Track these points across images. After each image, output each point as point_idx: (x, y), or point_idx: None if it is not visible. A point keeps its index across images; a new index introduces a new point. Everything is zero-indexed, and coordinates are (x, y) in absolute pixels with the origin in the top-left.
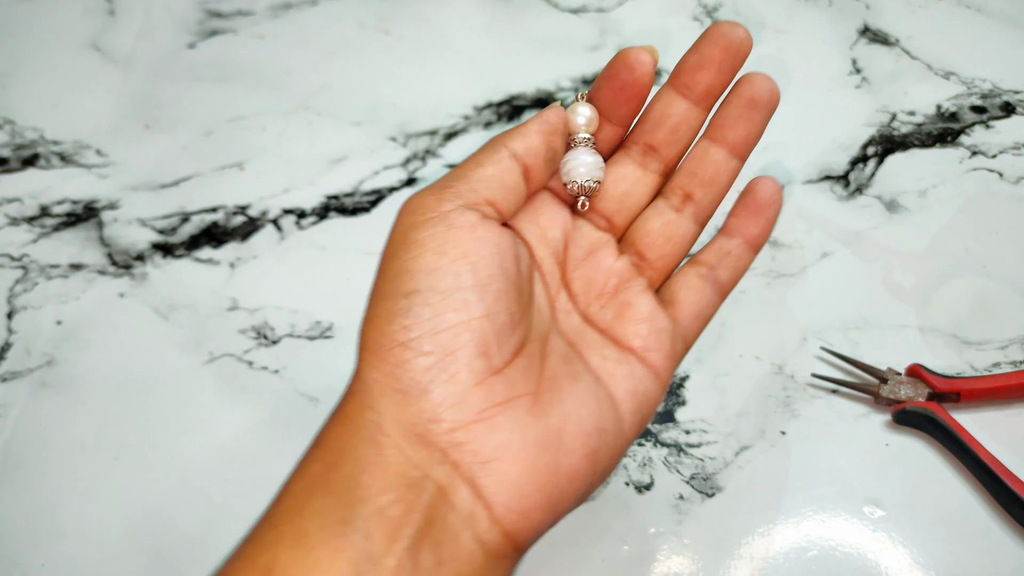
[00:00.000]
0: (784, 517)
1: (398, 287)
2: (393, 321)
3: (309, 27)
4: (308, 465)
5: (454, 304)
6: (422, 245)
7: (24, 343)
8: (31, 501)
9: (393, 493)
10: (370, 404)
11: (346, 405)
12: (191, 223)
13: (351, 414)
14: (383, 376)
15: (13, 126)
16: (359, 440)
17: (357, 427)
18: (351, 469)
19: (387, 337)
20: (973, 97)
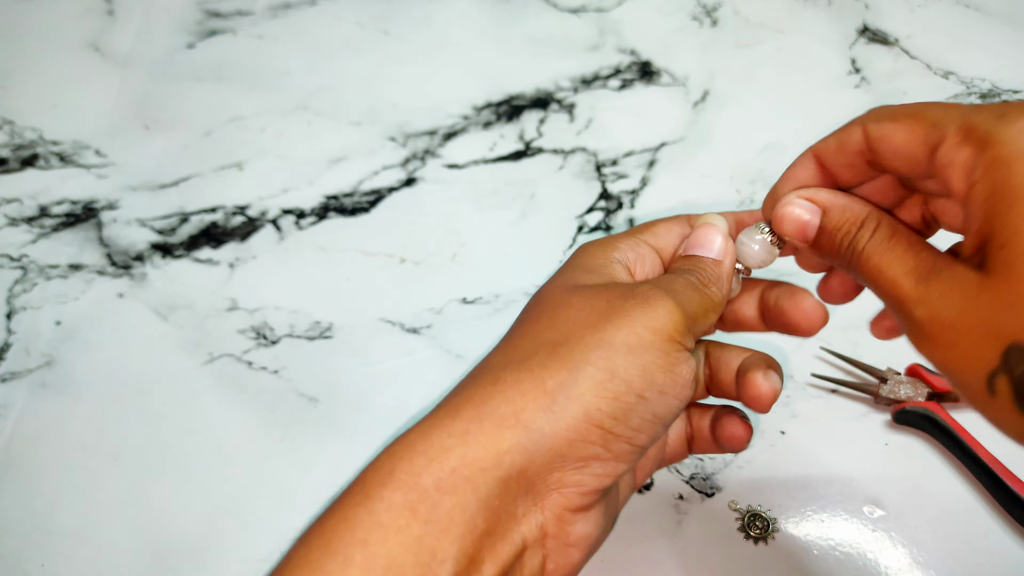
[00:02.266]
0: (784, 517)
1: (637, 383)
2: (616, 408)
3: (308, 27)
4: (419, 473)
5: (651, 431)
6: (670, 363)
7: (23, 343)
8: (31, 501)
9: (488, 541)
10: (531, 450)
11: (500, 430)
12: (190, 223)
13: (502, 445)
14: (565, 437)
15: (12, 126)
16: (492, 477)
17: (500, 463)
18: (465, 501)
19: (601, 414)
20: (972, 96)
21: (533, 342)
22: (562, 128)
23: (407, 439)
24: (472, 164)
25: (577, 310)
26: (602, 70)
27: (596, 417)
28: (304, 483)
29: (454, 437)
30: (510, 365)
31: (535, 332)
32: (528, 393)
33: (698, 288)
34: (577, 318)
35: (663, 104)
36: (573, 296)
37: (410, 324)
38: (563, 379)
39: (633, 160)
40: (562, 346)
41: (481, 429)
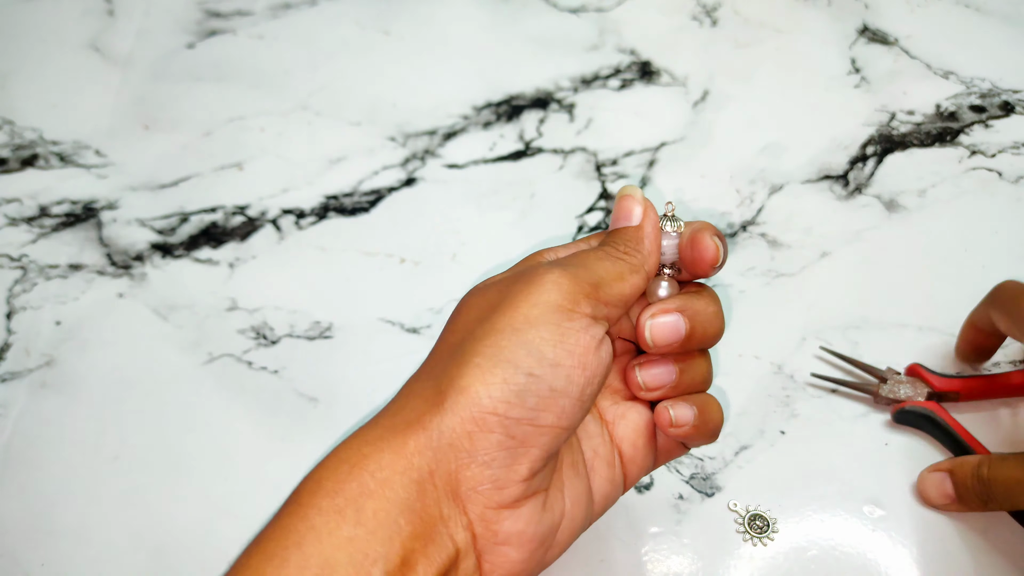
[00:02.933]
0: (783, 516)
1: (524, 361)
2: (504, 391)
3: (308, 27)
4: (343, 480)
5: (555, 407)
6: (561, 334)
7: (23, 343)
8: (31, 501)
9: (419, 543)
10: (435, 449)
11: (406, 434)
12: (190, 223)
13: (408, 448)
14: (464, 432)
15: (12, 126)
16: (407, 479)
17: (411, 464)
18: (388, 505)
19: (491, 401)
20: (972, 96)
21: (439, 350)
22: (562, 128)
23: (334, 452)
24: (472, 164)
25: (474, 307)
26: (602, 70)
27: (487, 405)
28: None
29: (370, 444)
30: (420, 376)
31: (442, 340)
32: (429, 399)
33: (609, 255)
34: (472, 315)
35: (663, 104)
36: (474, 296)
37: (410, 324)
38: (452, 375)
39: (633, 160)
40: (458, 346)
41: (393, 435)
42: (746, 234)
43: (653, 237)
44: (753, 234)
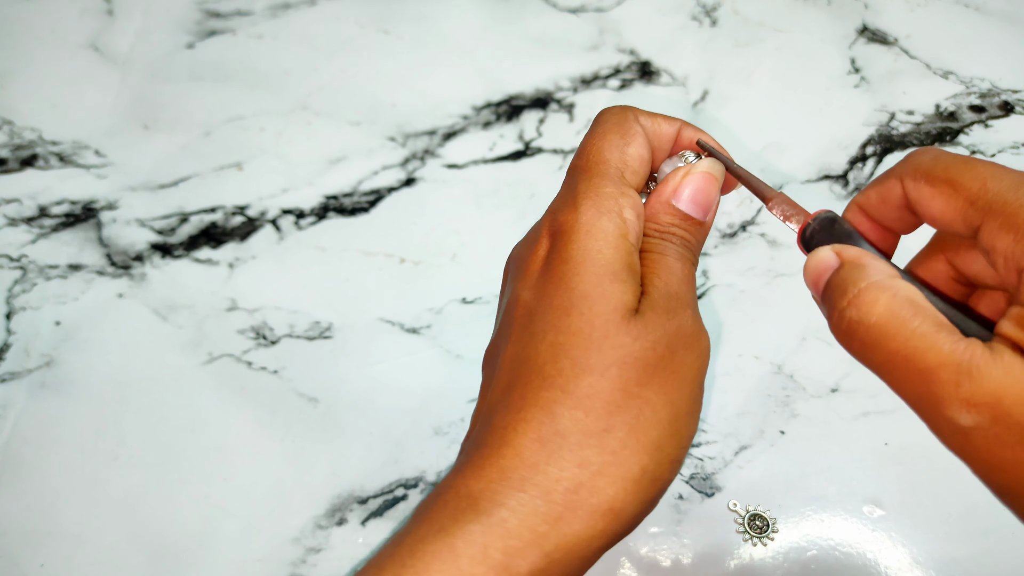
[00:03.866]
0: (783, 516)
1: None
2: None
3: (308, 27)
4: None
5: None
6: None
7: (23, 344)
8: (30, 501)
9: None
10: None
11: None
12: (190, 223)
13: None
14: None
15: (11, 126)
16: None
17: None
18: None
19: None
20: (972, 96)
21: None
22: (562, 128)
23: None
24: (472, 164)
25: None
26: (602, 70)
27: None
28: (303, 483)
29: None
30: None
31: (560, 373)
32: (540, 512)
33: (689, 270)
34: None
35: (663, 104)
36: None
37: (410, 324)
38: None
39: None
40: (595, 408)
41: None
42: (746, 234)
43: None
44: (753, 234)
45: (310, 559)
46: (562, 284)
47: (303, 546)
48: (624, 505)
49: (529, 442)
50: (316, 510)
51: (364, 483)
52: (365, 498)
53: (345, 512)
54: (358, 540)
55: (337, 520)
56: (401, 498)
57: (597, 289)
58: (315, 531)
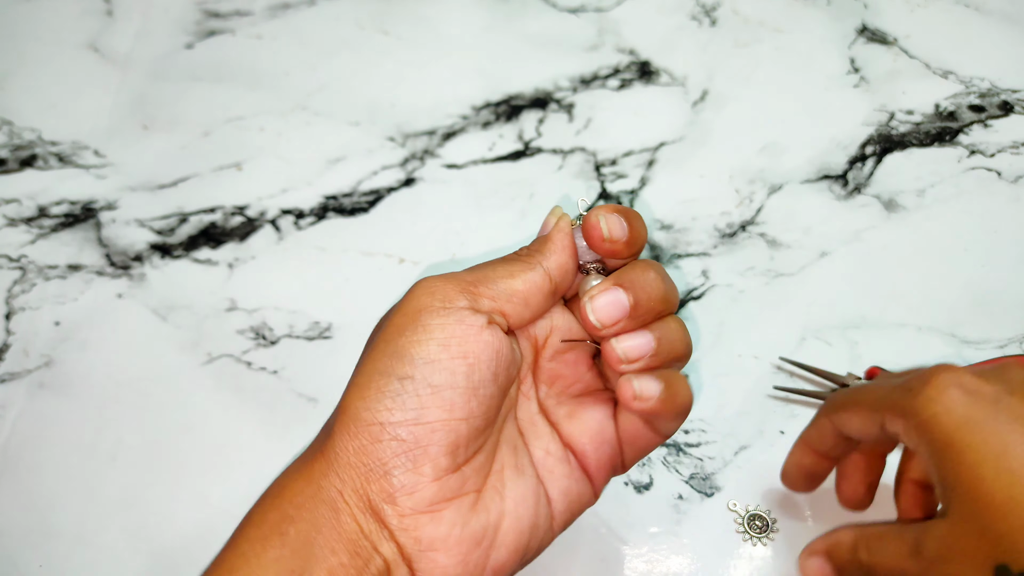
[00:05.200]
0: (783, 516)
1: (394, 367)
2: (381, 400)
3: (307, 27)
4: (266, 512)
5: (440, 402)
6: (429, 332)
7: (22, 344)
8: (29, 502)
9: (344, 557)
10: (336, 470)
11: (312, 462)
12: (189, 223)
13: (315, 473)
14: (355, 448)
15: (11, 127)
16: (319, 501)
17: (320, 487)
18: (308, 527)
19: (369, 412)
20: (971, 96)
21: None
22: (561, 128)
23: (267, 489)
24: (471, 164)
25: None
26: (601, 70)
27: (366, 417)
28: None
29: (287, 476)
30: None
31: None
32: (326, 426)
33: (506, 258)
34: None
35: (662, 104)
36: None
37: None
38: (340, 401)
39: (632, 160)
40: (356, 372)
41: (303, 464)
42: (745, 234)
43: (558, 238)
44: (752, 234)
45: None
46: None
47: None
48: (324, 442)
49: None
50: None
51: None
52: None
53: None
54: None
55: None
56: None
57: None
58: None
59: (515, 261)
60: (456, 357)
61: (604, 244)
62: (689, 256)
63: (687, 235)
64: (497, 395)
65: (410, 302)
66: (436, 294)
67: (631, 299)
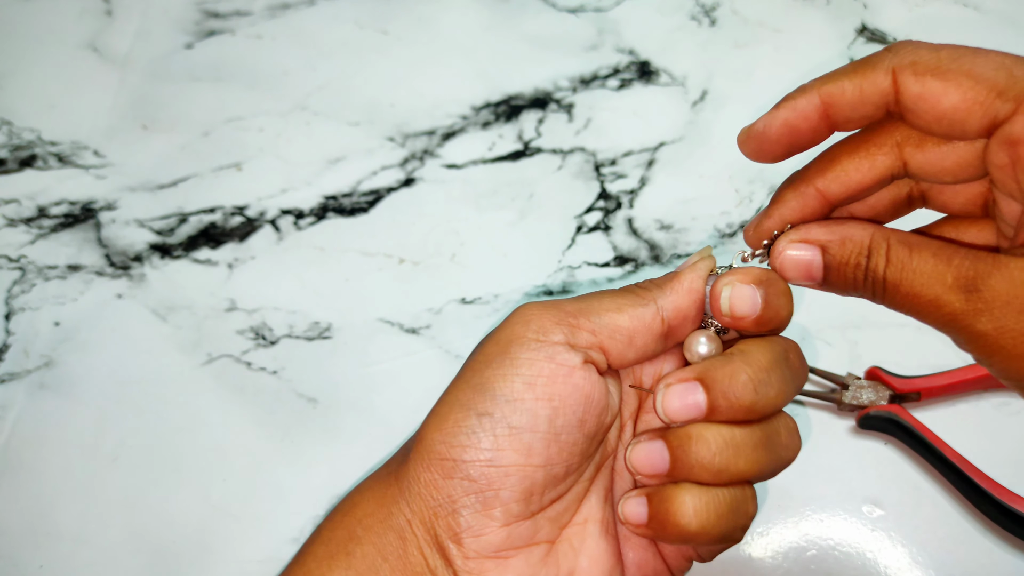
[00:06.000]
0: (783, 516)
1: (475, 401)
2: (456, 435)
3: (307, 27)
4: (335, 529)
5: (518, 444)
6: (516, 367)
7: (22, 344)
8: (29, 502)
9: None
10: (407, 499)
11: (385, 485)
12: (189, 224)
13: (387, 498)
14: (426, 480)
15: (10, 127)
16: (388, 527)
17: (390, 513)
18: (374, 551)
19: (444, 446)
20: None
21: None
22: (561, 128)
23: (339, 503)
24: (471, 164)
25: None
26: (601, 70)
27: (441, 450)
28: (303, 484)
29: (360, 493)
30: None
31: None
32: (404, 451)
33: (619, 291)
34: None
35: (662, 104)
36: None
37: (409, 324)
38: (420, 429)
39: (632, 160)
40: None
41: (377, 485)
42: None
43: (688, 278)
44: None
45: None
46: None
47: None
48: (399, 468)
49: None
50: (316, 510)
51: None
52: None
53: None
54: None
55: None
56: None
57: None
58: None
59: (627, 294)
60: (541, 398)
61: (724, 318)
62: (689, 256)
63: (687, 235)
64: (582, 442)
65: (504, 330)
66: (531, 324)
67: (708, 401)
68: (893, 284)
